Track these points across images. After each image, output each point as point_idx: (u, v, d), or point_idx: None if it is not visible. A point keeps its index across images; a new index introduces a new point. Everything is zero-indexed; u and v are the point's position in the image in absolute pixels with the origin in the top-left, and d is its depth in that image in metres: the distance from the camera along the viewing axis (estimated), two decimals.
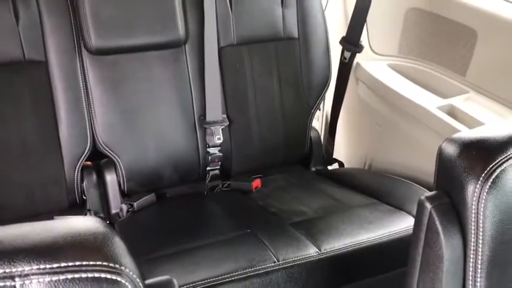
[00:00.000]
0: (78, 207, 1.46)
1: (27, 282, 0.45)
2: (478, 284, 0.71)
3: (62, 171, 1.43)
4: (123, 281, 0.48)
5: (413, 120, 1.58)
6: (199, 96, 1.55)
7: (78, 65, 1.43)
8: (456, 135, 0.75)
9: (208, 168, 1.58)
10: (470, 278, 0.71)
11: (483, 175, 0.69)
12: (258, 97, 1.63)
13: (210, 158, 1.56)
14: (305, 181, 1.63)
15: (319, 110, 1.84)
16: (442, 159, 0.74)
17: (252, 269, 1.13)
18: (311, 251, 1.18)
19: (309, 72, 1.68)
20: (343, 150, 1.88)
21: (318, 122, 1.92)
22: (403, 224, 1.28)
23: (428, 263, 0.74)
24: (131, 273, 0.49)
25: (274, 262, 1.15)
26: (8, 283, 0.44)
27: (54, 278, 0.45)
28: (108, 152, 1.47)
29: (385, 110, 1.70)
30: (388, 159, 1.69)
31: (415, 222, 0.75)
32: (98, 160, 1.52)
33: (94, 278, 0.46)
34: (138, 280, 0.49)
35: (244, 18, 1.59)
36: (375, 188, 1.48)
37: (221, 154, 1.57)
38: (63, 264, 0.46)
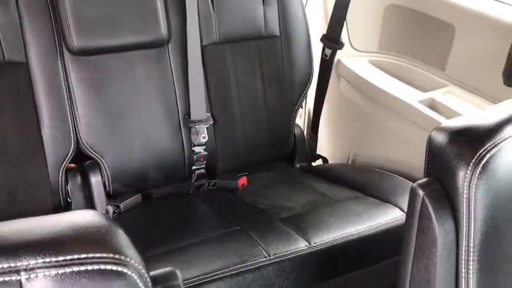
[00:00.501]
0: (62, 210, 1.44)
1: (32, 276, 0.44)
2: (471, 267, 0.73)
3: (45, 174, 1.40)
4: (129, 272, 0.47)
5: (395, 114, 1.61)
6: (183, 95, 1.55)
7: (60, 65, 1.41)
8: (445, 124, 0.77)
9: (193, 167, 1.57)
10: (463, 261, 0.73)
11: (473, 161, 0.70)
12: (241, 95, 1.64)
13: (195, 157, 1.56)
14: (290, 178, 1.64)
15: (302, 107, 1.85)
16: (432, 147, 0.76)
17: (244, 264, 1.13)
18: (301, 245, 1.19)
19: (291, 70, 1.70)
20: (327, 147, 1.89)
21: (301, 119, 1.93)
22: (389, 216, 1.30)
23: (422, 248, 0.75)
24: (136, 264, 0.48)
25: (265, 257, 1.16)
26: (13, 277, 0.44)
27: (60, 271, 0.45)
28: (93, 153, 1.46)
29: (367, 105, 1.73)
30: (371, 154, 1.72)
31: (408, 209, 0.76)
32: (83, 162, 1.50)
33: (100, 270, 0.46)
34: (143, 271, 0.49)
35: (226, 17, 1.59)
36: (359, 182, 1.50)
37: (206, 153, 1.57)
38: (68, 257, 0.46)
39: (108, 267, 0.46)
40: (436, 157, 0.75)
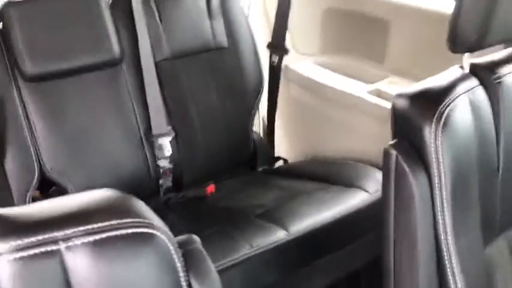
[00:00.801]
0: None
1: (70, 244, 0.47)
2: (446, 214, 0.81)
3: (12, 204, 1.37)
4: (158, 234, 0.51)
5: (346, 108, 1.71)
6: (143, 111, 1.57)
7: (16, 94, 1.40)
8: (404, 90, 0.86)
9: (160, 181, 1.59)
10: (439, 211, 0.81)
11: (435, 117, 0.79)
12: (199, 107, 1.68)
13: (161, 171, 1.58)
14: (255, 180, 1.69)
15: (258, 113, 1.92)
16: (396, 111, 0.84)
17: (229, 259, 1.16)
18: (281, 234, 1.24)
19: (243, 80, 1.76)
20: (286, 148, 1.96)
21: (258, 125, 2.00)
22: (357, 198, 1.38)
23: (401, 205, 0.82)
24: (163, 227, 0.52)
25: (249, 250, 1.19)
26: (54, 247, 0.46)
27: (96, 237, 0.48)
28: (57, 179, 1.44)
29: (319, 104, 1.82)
30: (329, 148, 1.80)
31: (383, 171, 0.84)
32: (48, 188, 1.48)
33: (132, 233, 0.49)
34: (170, 233, 0.52)
35: (175, 32, 1.64)
36: (322, 173, 1.58)
37: (171, 166, 1.59)
38: (100, 225, 0.48)
39: (139, 230, 0.50)
40: (401, 119, 0.83)
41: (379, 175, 1.47)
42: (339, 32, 1.86)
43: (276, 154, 1.91)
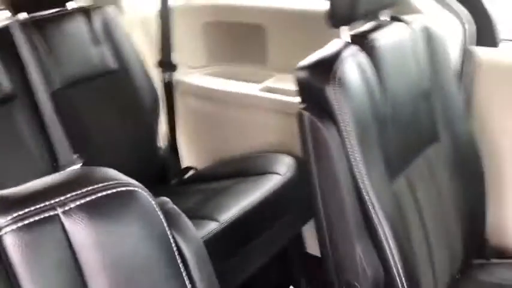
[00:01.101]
0: None
1: (66, 208, 0.52)
2: (356, 155, 0.95)
3: None
4: (139, 190, 0.57)
5: (243, 107, 1.84)
6: (45, 144, 1.55)
7: None
8: (302, 63, 1.00)
9: None
10: (350, 154, 0.95)
11: (332, 79, 0.94)
12: (101, 131, 1.70)
13: None
14: (172, 192, 1.74)
15: (161, 129, 1.98)
16: (300, 81, 0.98)
17: None
18: (213, 226, 1.32)
19: (139, 99, 1.81)
20: (195, 157, 2.04)
21: (163, 141, 2.05)
22: (274, 181, 1.51)
23: (320, 155, 0.96)
24: (141, 185, 0.58)
25: None
26: (51, 213, 0.51)
27: (88, 199, 0.53)
28: None
29: (217, 109, 1.93)
30: (234, 148, 1.91)
31: (300, 131, 0.97)
32: None
33: (118, 192, 0.55)
34: (147, 191, 0.59)
35: (63, 61, 1.65)
36: (235, 170, 1.68)
37: None
38: (90, 188, 0.54)
39: (123, 188, 0.56)
40: (305, 87, 0.98)
41: (285, 158, 1.62)
42: (222, 42, 2.00)
43: (186, 165, 1.98)
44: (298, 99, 0.96)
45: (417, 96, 1.18)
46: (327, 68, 0.95)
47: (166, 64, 1.94)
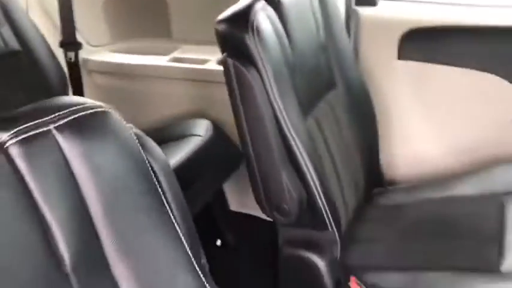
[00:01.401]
0: None
1: (57, 124, 0.60)
2: (276, 94, 1.10)
3: None
4: (111, 111, 0.66)
5: (153, 79, 1.91)
6: None
7: None
8: (221, 17, 1.12)
9: None
10: (270, 93, 1.10)
11: (250, 29, 1.08)
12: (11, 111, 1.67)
13: None
14: None
15: None
16: (220, 33, 1.10)
17: None
18: None
19: (46, 79, 1.80)
20: None
21: None
22: (192, 143, 1.61)
23: (245, 96, 1.09)
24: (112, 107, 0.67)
25: None
26: (45, 128, 0.59)
27: (72, 117, 0.62)
28: None
29: (127, 84, 1.98)
30: (150, 120, 1.97)
31: (226, 77, 1.09)
32: None
33: (96, 112, 0.64)
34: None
35: None
36: (155, 138, 1.74)
37: None
38: (73, 108, 0.62)
39: (99, 109, 0.65)
40: (226, 38, 1.10)
41: (203, 121, 1.73)
42: (124, 18, 2.04)
43: None
44: (207, 66, 1.06)
45: (317, 49, 1.36)
46: (244, 19, 1.08)
47: (70, 43, 1.94)
